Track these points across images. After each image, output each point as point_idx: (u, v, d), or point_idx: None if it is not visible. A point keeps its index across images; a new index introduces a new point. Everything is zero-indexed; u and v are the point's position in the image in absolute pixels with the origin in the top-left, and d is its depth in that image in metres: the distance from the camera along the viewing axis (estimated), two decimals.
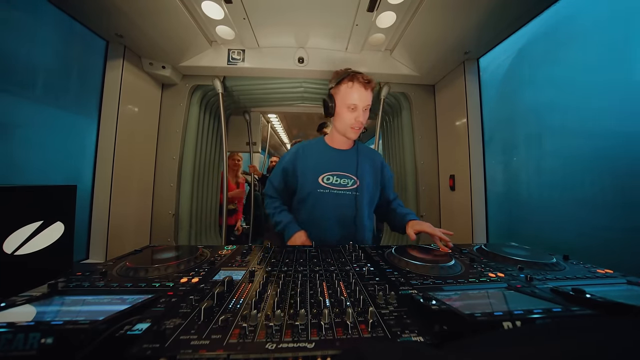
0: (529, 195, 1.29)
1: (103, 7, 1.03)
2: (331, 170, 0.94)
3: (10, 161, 0.96)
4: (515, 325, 0.33)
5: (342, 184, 0.94)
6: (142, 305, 0.39)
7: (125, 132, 1.32)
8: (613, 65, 0.96)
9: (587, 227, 1.02)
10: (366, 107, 0.88)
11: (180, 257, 0.62)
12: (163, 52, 1.38)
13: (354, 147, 1.00)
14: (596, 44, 1.02)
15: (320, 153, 0.98)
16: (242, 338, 0.33)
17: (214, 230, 1.94)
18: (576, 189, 1.07)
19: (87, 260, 1.22)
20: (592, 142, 1.02)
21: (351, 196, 0.94)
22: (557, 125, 1.16)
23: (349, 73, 0.89)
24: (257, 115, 2.57)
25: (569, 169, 1.10)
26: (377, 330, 0.35)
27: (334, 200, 0.93)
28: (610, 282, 0.52)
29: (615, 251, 0.92)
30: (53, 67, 1.12)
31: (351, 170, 0.95)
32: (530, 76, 1.31)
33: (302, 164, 0.96)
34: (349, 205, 0.94)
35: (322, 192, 0.92)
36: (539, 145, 1.25)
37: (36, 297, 0.42)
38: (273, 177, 1.03)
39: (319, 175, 0.93)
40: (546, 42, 1.20)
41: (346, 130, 0.91)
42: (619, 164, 0.93)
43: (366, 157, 0.99)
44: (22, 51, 0.99)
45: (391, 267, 0.60)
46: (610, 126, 0.97)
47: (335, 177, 0.94)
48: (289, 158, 0.99)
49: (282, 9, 1.20)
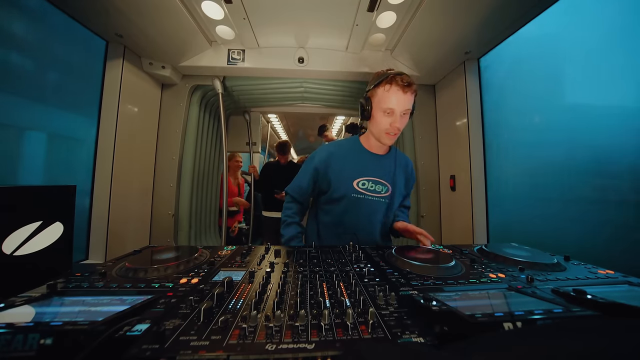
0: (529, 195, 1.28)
1: (103, 7, 1.03)
2: (367, 175, 0.90)
3: (9, 161, 0.96)
4: (516, 326, 0.33)
5: (377, 191, 0.91)
6: (142, 306, 0.39)
7: (125, 132, 1.32)
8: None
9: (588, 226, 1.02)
10: (405, 112, 0.82)
11: (179, 258, 0.62)
12: (163, 52, 1.38)
13: (391, 152, 0.97)
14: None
15: (356, 156, 0.93)
16: (242, 339, 0.32)
17: (214, 231, 1.94)
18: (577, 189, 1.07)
19: (86, 260, 1.22)
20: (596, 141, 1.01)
21: (383, 203, 0.92)
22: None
23: (388, 75, 0.81)
24: (257, 115, 2.57)
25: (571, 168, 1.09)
26: (377, 331, 0.35)
27: (366, 207, 0.90)
28: (611, 283, 0.52)
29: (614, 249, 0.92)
30: (52, 67, 1.12)
31: (386, 177, 0.92)
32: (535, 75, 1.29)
33: (337, 165, 0.92)
34: (379, 212, 0.92)
35: (357, 197, 0.89)
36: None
37: (35, 298, 0.42)
38: (301, 177, 0.96)
39: (355, 179, 0.89)
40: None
41: (381, 135, 0.86)
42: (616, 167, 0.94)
43: (400, 164, 0.96)
44: (22, 51, 0.98)
45: (391, 268, 0.60)
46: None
47: (370, 183, 0.90)
48: (321, 158, 0.94)
49: (282, 9, 1.20)
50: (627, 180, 0.92)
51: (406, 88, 0.79)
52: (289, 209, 0.98)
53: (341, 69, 1.55)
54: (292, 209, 0.98)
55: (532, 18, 1.05)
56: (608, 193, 0.97)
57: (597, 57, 1.01)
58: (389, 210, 0.93)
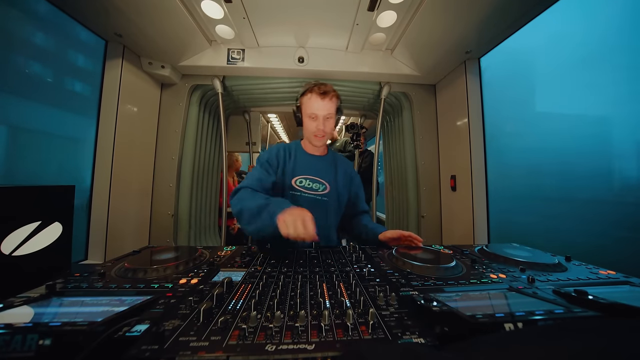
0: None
1: (102, 7, 1.02)
2: (304, 173, 0.96)
3: (8, 161, 0.96)
4: (517, 327, 0.32)
5: (314, 189, 0.96)
6: (141, 306, 0.39)
7: (124, 132, 1.32)
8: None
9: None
10: (328, 116, 0.92)
11: (179, 258, 0.62)
12: (162, 51, 1.38)
13: (329, 154, 1.05)
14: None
15: (297, 156, 0.99)
16: (242, 339, 0.32)
17: (214, 231, 1.93)
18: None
19: (85, 261, 1.21)
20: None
21: (321, 201, 0.96)
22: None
23: (309, 85, 0.96)
24: (257, 115, 2.56)
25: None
26: (377, 332, 0.34)
27: (303, 204, 0.93)
28: (612, 284, 0.52)
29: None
30: (51, 66, 1.12)
31: (324, 176, 0.98)
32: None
33: (282, 163, 0.97)
34: (318, 211, 0.92)
35: (294, 194, 0.93)
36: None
37: (34, 298, 0.42)
38: (257, 171, 0.91)
39: (293, 177, 0.95)
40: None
41: (310, 137, 0.96)
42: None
43: (340, 165, 1.04)
44: (20, 51, 0.98)
45: (392, 268, 0.59)
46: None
47: (307, 181, 0.96)
48: (274, 152, 0.97)
49: (282, 8, 1.19)
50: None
51: (323, 95, 0.91)
52: (254, 193, 0.81)
53: (341, 69, 1.54)
54: (252, 192, 0.82)
55: (533, 17, 1.05)
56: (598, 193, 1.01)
57: (567, 71, 1.09)
58: (328, 208, 0.96)
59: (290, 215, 0.60)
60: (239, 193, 0.82)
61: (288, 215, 0.60)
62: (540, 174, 1.22)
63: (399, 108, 1.82)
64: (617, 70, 1.10)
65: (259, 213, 0.68)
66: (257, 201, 0.72)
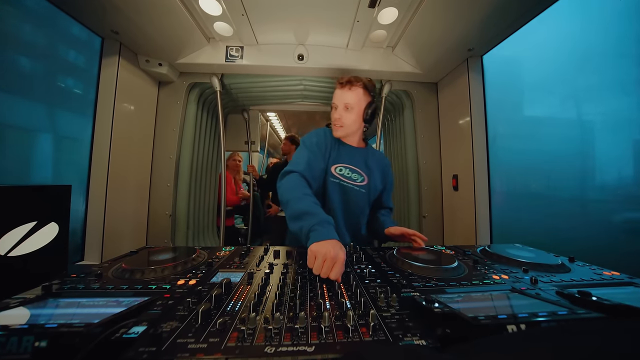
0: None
1: (98, 3, 1.01)
2: (345, 162, 0.94)
3: (3, 160, 0.95)
4: (520, 329, 0.32)
5: (353, 179, 0.94)
6: (138, 307, 0.38)
7: (121, 131, 1.31)
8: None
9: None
10: (346, 106, 0.90)
11: (177, 259, 0.61)
12: (160, 49, 1.36)
13: (367, 147, 1.03)
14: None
15: (333, 144, 0.96)
16: (241, 341, 0.32)
17: (212, 231, 1.93)
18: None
19: (82, 261, 1.20)
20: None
21: (359, 192, 0.94)
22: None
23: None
24: (256, 114, 2.55)
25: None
26: (378, 334, 0.34)
27: (342, 193, 0.93)
28: (616, 285, 0.51)
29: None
30: (47, 64, 1.10)
31: (362, 167, 0.96)
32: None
33: (330, 148, 0.94)
34: (354, 201, 0.94)
35: (333, 181, 0.92)
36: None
37: (30, 300, 0.41)
38: (305, 154, 0.87)
39: (332, 165, 0.93)
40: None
41: (333, 127, 0.96)
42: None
43: (376, 159, 1.02)
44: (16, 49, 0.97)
45: (393, 269, 0.59)
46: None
47: (347, 170, 0.94)
48: (322, 136, 0.95)
49: (281, 5, 1.18)
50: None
51: (341, 85, 0.91)
52: (301, 183, 0.78)
53: (342, 67, 1.53)
54: (305, 184, 0.79)
55: (535, 15, 1.04)
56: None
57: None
58: (364, 200, 0.96)
59: (323, 249, 0.54)
60: (287, 178, 0.80)
61: (321, 249, 0.54)
62: (551, 173, 1.20)
63: (400, 106, 1.80)
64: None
65: (299, 218, 0.66)
66: (303, 202, 0.69)
